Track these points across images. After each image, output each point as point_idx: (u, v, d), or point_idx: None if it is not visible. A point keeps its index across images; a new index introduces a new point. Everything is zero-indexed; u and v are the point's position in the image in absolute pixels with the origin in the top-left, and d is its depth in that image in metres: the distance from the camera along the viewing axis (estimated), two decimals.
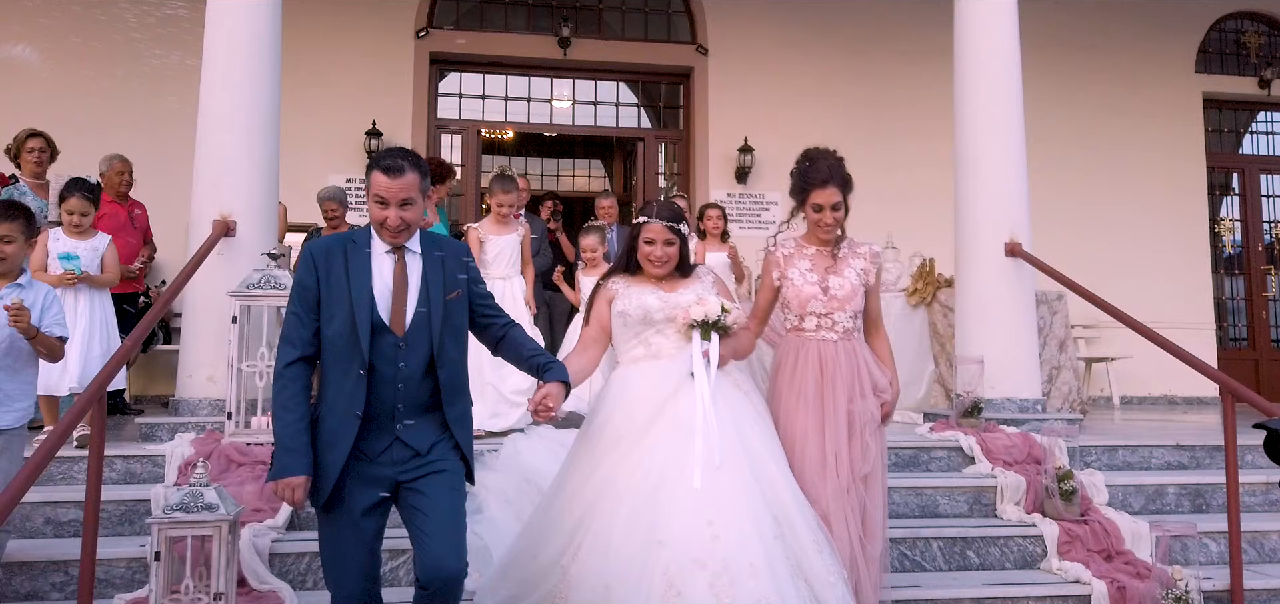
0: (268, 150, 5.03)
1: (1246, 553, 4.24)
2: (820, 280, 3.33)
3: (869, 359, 3.36)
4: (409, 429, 2.72)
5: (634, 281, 3.30)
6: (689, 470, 2.91)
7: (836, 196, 3.29)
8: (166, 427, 4.58)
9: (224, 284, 4.59)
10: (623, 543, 2.90)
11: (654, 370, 3.18)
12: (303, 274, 2.76)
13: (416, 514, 2.70)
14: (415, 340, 2.73)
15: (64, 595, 3.48)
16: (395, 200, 2.71)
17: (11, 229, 3.20)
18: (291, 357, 2.70)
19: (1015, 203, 5.52)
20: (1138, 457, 4.94)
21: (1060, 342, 6.34)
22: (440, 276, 2.80)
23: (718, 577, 2.77)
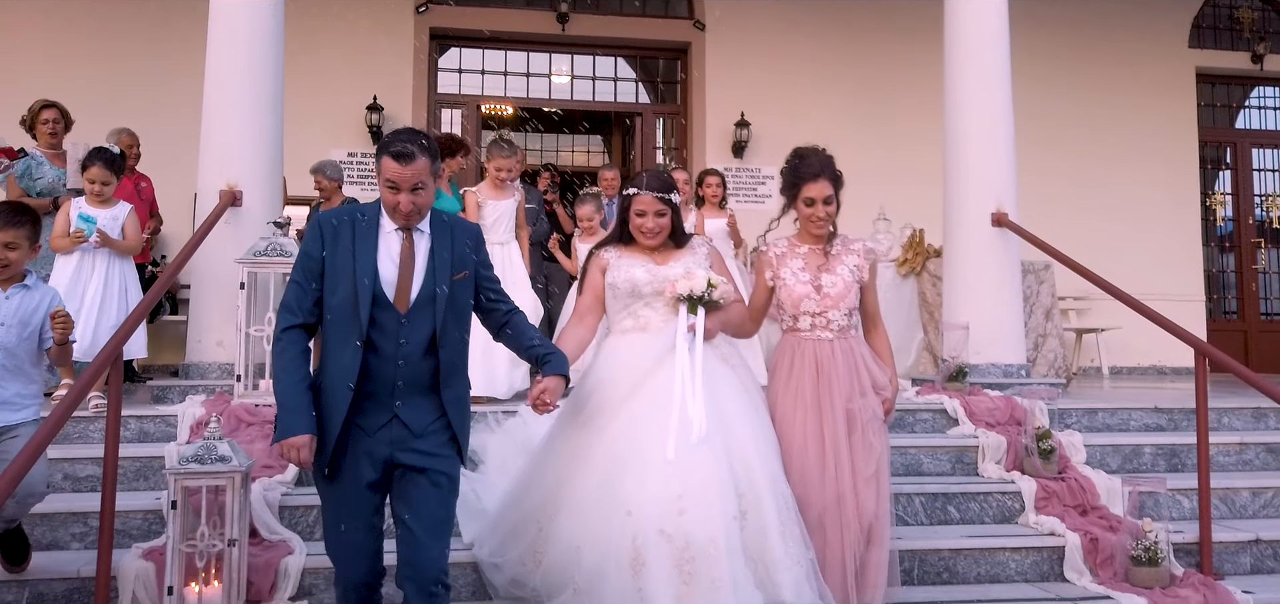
0: (272, 122, 5.16)
1: (1218, 509, 4.41)
2: (813, 279, 3.33)
3: (867, 356, 3.36)
4: (406, 408, 2.72)
5: (625, 253, 3.32)
6: (662, 442, 2.94)
7: (828, 190, 3.30)
8: (177, 389, 4.75)
9: (231, 252, 4.73)
10: (594, 508, 2.96)
11: (640, 342, 3.22)
12: (309, 244, 2.77)
13: (405, 516, 2.70)
14: (418, 318, 2.72)
15: (84, 545, 3.66)
16: (407, 186, 2.69)
17: (17, 235, 3.20)
18: (289, 322, 2.72)
19: (1002, 174, 5.64)
20: (1117, 419, 5.10)
21: (1047, 310, 6.49)
22: (449, 256, 2.79)
23: (682, 551, 2.81)
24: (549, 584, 3.10)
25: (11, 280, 3.18)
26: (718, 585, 2.79)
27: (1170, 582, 3.75)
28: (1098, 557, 3.87)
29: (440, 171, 2.88)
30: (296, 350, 2.70)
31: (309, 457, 2.66)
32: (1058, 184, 9.38)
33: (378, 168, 2.74)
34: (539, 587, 3.15)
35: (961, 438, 4.66)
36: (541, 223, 7.06)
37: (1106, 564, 3.85)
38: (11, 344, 3.13)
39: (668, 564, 2.80)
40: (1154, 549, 3.77)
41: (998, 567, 3.87)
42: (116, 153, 4.93)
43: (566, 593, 3.00)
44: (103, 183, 4.76)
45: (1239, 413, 5.20)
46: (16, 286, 3.20)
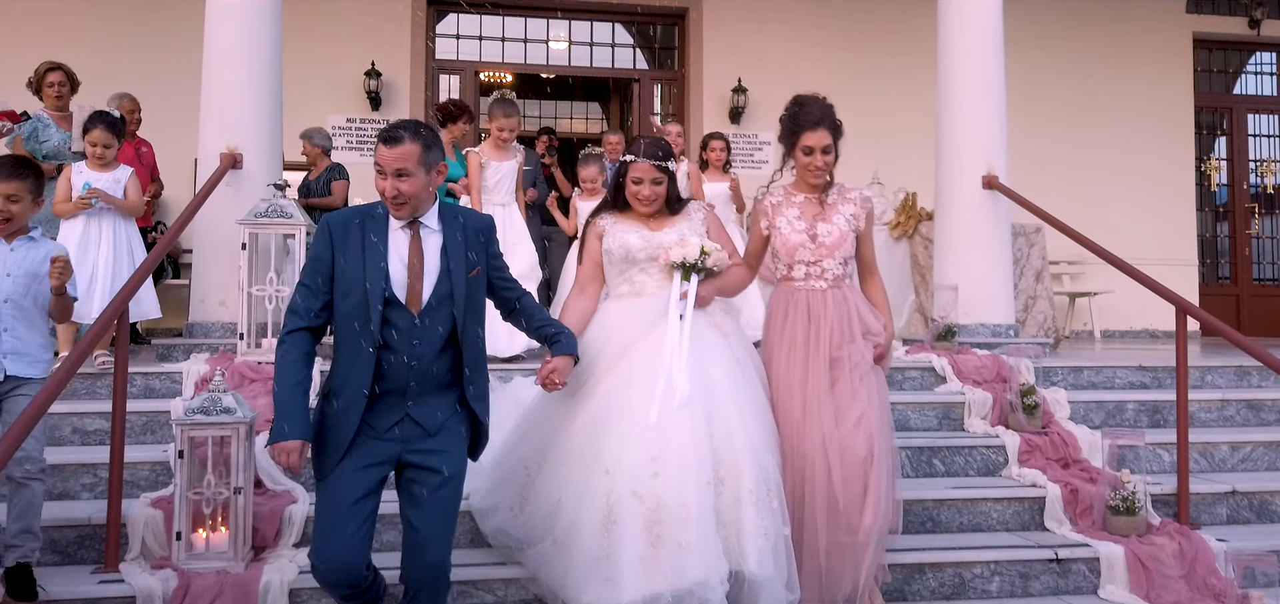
0: (271, 87, 5.23)
1: (1198, 463, 4.53)
2: (808, 228, 3.31)
3: (861, 304, 3.34)
4: (420, 407, 2.72)
5: (621, 219, 3.34)
6: (646, 406, 2.97)
7: (827, 139, 3.28)
8: (181, 348, 4.86)
9: (232, 214, 4.82)
10: (576, 464, 3.02)
11: (634, 307, 3.24)
12: (318, 248, 2.75)
13: (411, 515, 2.72)
14: (432, 319, 2.71)
15: (93, 495, 3.78)
16: (390, 169, 2.68)
17: (19, 187, 3.19)
18: (294, 325, 2.70)
19: (994, 137, 5.71)
20: (1102, 377, 5.20)
21: (1037, 272, 6.58)
22: (462, 254, 2.79)
23: (652, 513, 2.84)
24: (530, 531, 3.18)
25: (17, 233, 3.22)
26: (684, 549, 2.81)
27: (1146, 530, 3.87)
28: (1077, 507, 3.99)
29: (438, 166, 2.76)
30: (298, 354, 2.68)
31: (299, 462, 2.65)
32: (1052, 149, 9.42)
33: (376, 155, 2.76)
34: (521, 534, 3.23)
35: (948, 395, 4.76)
36: (540, 185, 7.12)
37: (1086, 514, 3.97)
38: (17, 295, 3.17)
39: (637, 525, 2.84)
40: (1132, 499, 3.88)
41: (980, 516, 3.99)
42: (117, 116, 4.98)
43: (544, 543, 3.08)
44: (104, 145, 4.79)
45: (1222, 371, 5.31)
46: (22, 239, 3.24)
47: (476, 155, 5.49)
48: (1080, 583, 3.68)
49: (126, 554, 3.40)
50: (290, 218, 4.69)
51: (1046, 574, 3.68)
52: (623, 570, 2.80)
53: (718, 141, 6.52)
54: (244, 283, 4.62)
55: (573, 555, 2.92)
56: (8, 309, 3.15)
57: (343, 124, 8.77)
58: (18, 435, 2.72)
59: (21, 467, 3.06)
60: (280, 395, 2.66)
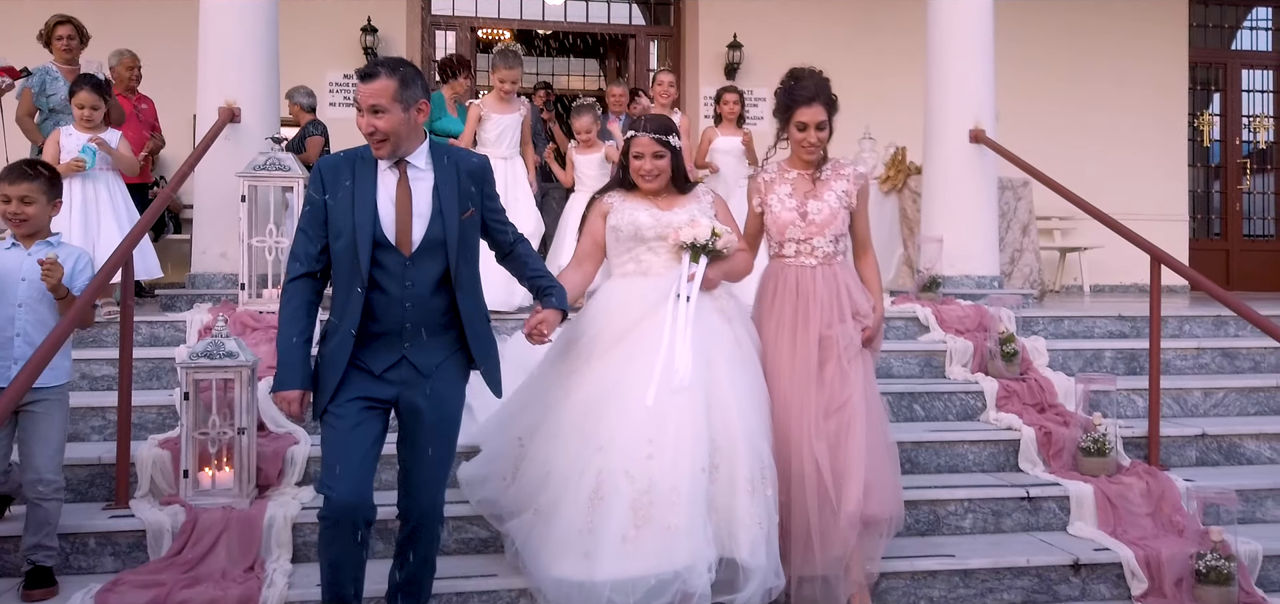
0: (268, 41, 5.29)
1: (1171, 407, 4.67)
2: (798, 206, 3.29)
3: (851, 283, 3.32)
4: (416, 348, 2.72)
5: (629, 197, 3.30)
6: (645, 386, 2.96)
7: (821, 115, 3.24)
8: (185, 298, 4.98)
9: (231, 167, 4.91)
10: (570, 438, 3.01)
11: (640, 285, 3.21)
12: (311, 190, 2.76)
13: (406, 455, 2.78)
14: (424, 260, 2.71)
15: (102, 437, 3.93)
16: (366, 105, 2.67)
17: (31, 189, 3.15)
18: (295, 272, 2.72)
19: (981, 91, 5.79)
20: (1082, 327, 5.34)
21: (1023, 226, 6.69)
22: (455, 196, 2.76)
23: (642, 494, 2.83)
24: (517, 501, 3.16)
25: (36, 237, 3.19)
26: (672, 532, 2.81)
27: (1116, 471, 4.02)
28: (1051, 449, 4.14)
29: (418, 103, 2.72)
30: (299, 302, 2.70)
31: (299, 410, 2.71)
32: (1045, 104, 9.44)
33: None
34: (509, 504, 3.21)
35: (931, 343, 4.90)
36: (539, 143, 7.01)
37: (1058, 456, 4.12)
38: (33, 300, 3.15)
39: (624, 504, 2.83)
40: (1102, 441, 4.03)
41: (957, 458, 4.14)
42: (103, 79, 5.01)
43: (526, 514, 3.07)
44: (92, 108, 4.80)
45: (1201, 321, 5.44)
46: (41, 243, 3.20)
47: (477, 108, 5.44)
48: (1050, 520, 3.84)
49: (135, 492, 3.55)
50: (288, 170, 4.79)
51: (1018, 511, 3.84)
52: (603, 547, 2.80)
53: (731, 94, 6.40)
54: (244, 234, 4.74)
55: (553, 527, 2.93)
56: (22, 314, 3.12)
57: (339, 80, 8.82)
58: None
59: (36, 489, 3.09)
60: (282, 345, 2.70)
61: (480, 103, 5.47)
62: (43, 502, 3.11)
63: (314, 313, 2.75)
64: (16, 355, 3.07)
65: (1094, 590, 3.54)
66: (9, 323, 3.08)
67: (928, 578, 3.44)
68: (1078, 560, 3.54)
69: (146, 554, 3.28)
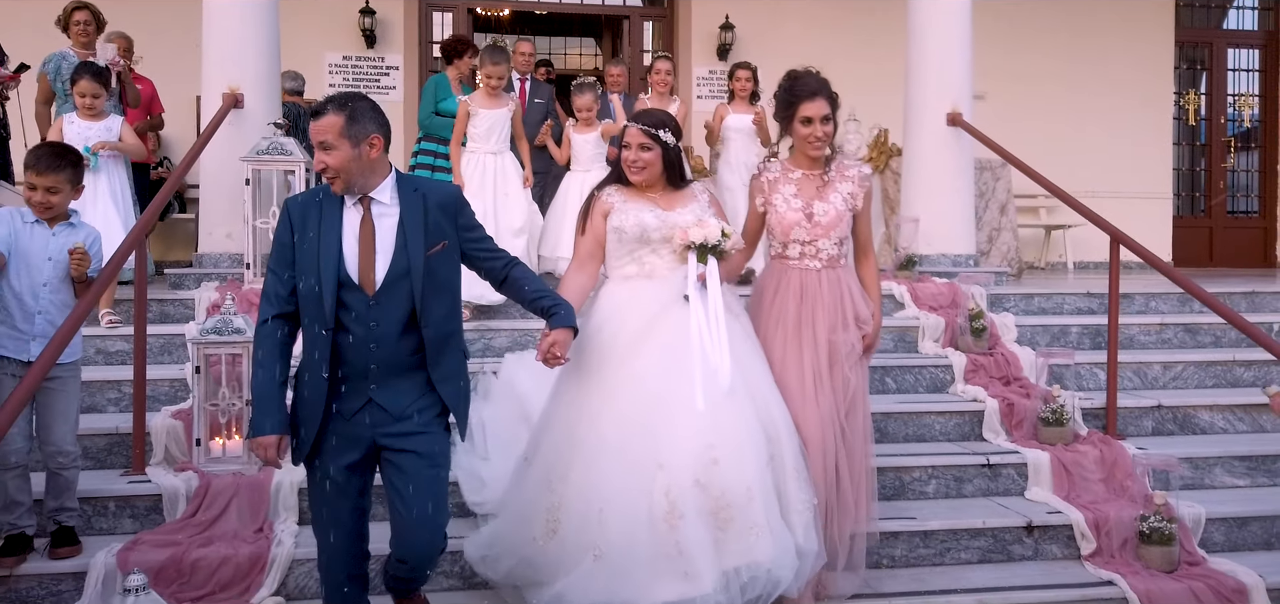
0: (269, 27, 5.49)
1: (1131, 380, 4.91)
2: (805, 207, 3.24)
3: (854, 287, 3.30)
4: (383, 391, 2.66)
5: (630, 196, 3.21)
6: (687, 393, 2.91)
7: (825, 109, 3.21)
8: (192, 277, 5.22)
9: (235, 151, 5.12)
10: (615, 464, 2.88)
11: (647, 289, 3.13)
12: (280, 231, 2.72)
13: (392, 491, 2.70)
14: (388, 299, 2.64)
15: (118, 408, 4.18)
16: (315, 140, 2.63)
17: (57, 179, 3.29)
18: (267, 313, 2.68)
19: (958, 76, 5.98)
20: (1051, 303, 5.57)
21: (1001, 206, 6.90)
22: (421, 229, 2.67)
23: (717, 500, 2.82)
24: (562, 556, 2.94)
25: (57, 219, 3.36)
26: (754, 529, 2.82)
27: (1073, 440, 4.26)
28: (1013, 419, 4.37)
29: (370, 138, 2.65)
30: (272, 343, 2.67)
31: (276, 456, 2.67)
32: (1033, 83, 9.59)
33: None
34: (551, 563, 2.98)
35: (905, 319, 5.12)
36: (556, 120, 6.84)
37: (1020, 426, 4.36)
38: (56, 279, 3.31)
39: (705, 513, 2.81)
40: (1060, 411, 4.27)
41: (924, 428, 4.38)
42: (103, 66, 5.11)
43: (584, 562, 2.87)
44: (93, 96, 4.89)
45: (1166, 297, 5.66)
46: (63, 225, 3.35)
47: (465, 103, 5.43)
48: (1009, 486, 4.08)
49: (151, 459, 3.80)
50: (290, 155, 5.01)
51: (979, 477, 4.08)
52: (700, 562, 2.77)
53: (744, 71, 6.29)
54: (249, 216, 4.96)
55: (629, 562, 2.80)
56: (46, 292, 3.28)
57: (338, 62, 9.00)
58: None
59: (55, 459, 3.31)
60: (256, 388, 2.67)
61: (468, 98, 5.47)
62: (62, 471, 3.35)
63: (288, 354, 2.70)
64: (37, 332, 3.26)
65: (1046, 550, 3.78)
66: (33, 299, 3.27)
67: (890, 539, 3.68)
68: (1031, 522, 3.79)
69: (163, 516, 3.53)
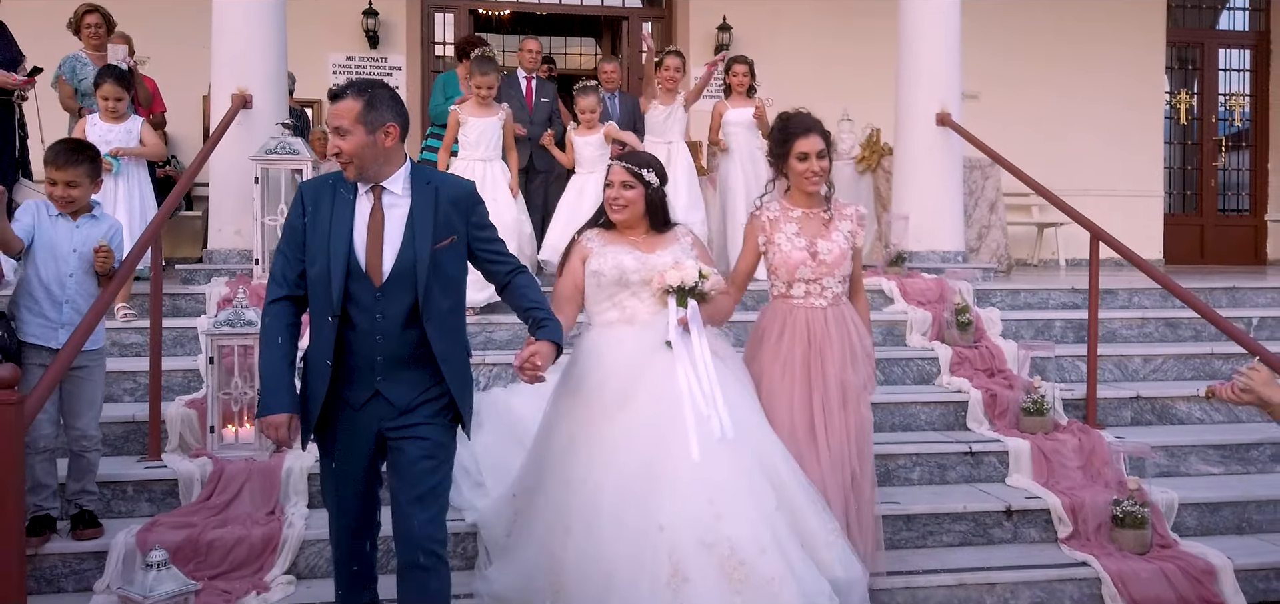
0: (276, 29, 5.64)
1: (1112, 372, 5.07)
2: (809, 245, 3.23)
3: (856, 322, 3.30)
4: (389, 383, 2.64)
5: (610, 240, 3.16)
6: (680, 445, 2.81)
7: (820, 145, 3.22)
8: (202, 272, 5.39)
9: (244, 151, 5.28)
10: (613, 526, 2.80)
11: (629, 336, 3.06)
12: (292, 213, 2.72)
13: (394, 485, 2.68)
14: (395, 290, 2.62)
15: (133, 398, 4.34)
16: (330, 125, 2.63)
17: (76, 173, 3.42)
18: (276, 295, 2.68)
19: (948, 77, 6.13)
20: (1037, 298, 5.73)
21: (991, 203, 7.06)
22: (430, 221, 2.65)
23: (727, 558, 2.70)
24: None
25: (80, 212, 3.52)
26: (775, 582, 2.70)
27: (1053, 429, 4.42)
28: (996, 409, 4.53)
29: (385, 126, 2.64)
30: (281, 325, 2.67)
31: (287, 435, 2.67)
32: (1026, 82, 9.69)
33: None
34: None
35: (894, 314, 5.28)
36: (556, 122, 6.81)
37: (1002, 416, 4.52)
38: (81, 271, 3.46)
39: (713, 573, 2.70)
40: (1041, 402, 4.43)
41: (910, 418, 4.54)
42: (125, 69, 5.31)
43: None
44: (116, 98, 5.08)
45: (1149, 293, 5.82)
46: (85, 217, 3.50)
47: (455, 113, 5.50)
48: (991, 472, 4.24)
49: (166, 446, 3.96)
50: (298, 154, 5.17)
51: (962, 465, 4.24)
52: None
53: (741, 65, 6.34)
54: (258, 214, 5.12)
55: None
56: (72, 283, 3.43)
57: (341, 63, 9.16)
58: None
59: (79, 442, 3.50)
60: (264, 368, 2.67)
61: (459, 107, 5.53)
62: (85, 453, 3.53)
63: (296, 335, 2.71)
64: (64, 321, 3.43)
65: (1024, 534, 3.94)
66: (60, 289, 3.43)
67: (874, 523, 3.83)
68: (1010, 507, 3.95)
69: (179, 500, 3.69)
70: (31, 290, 3.41)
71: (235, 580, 3.35)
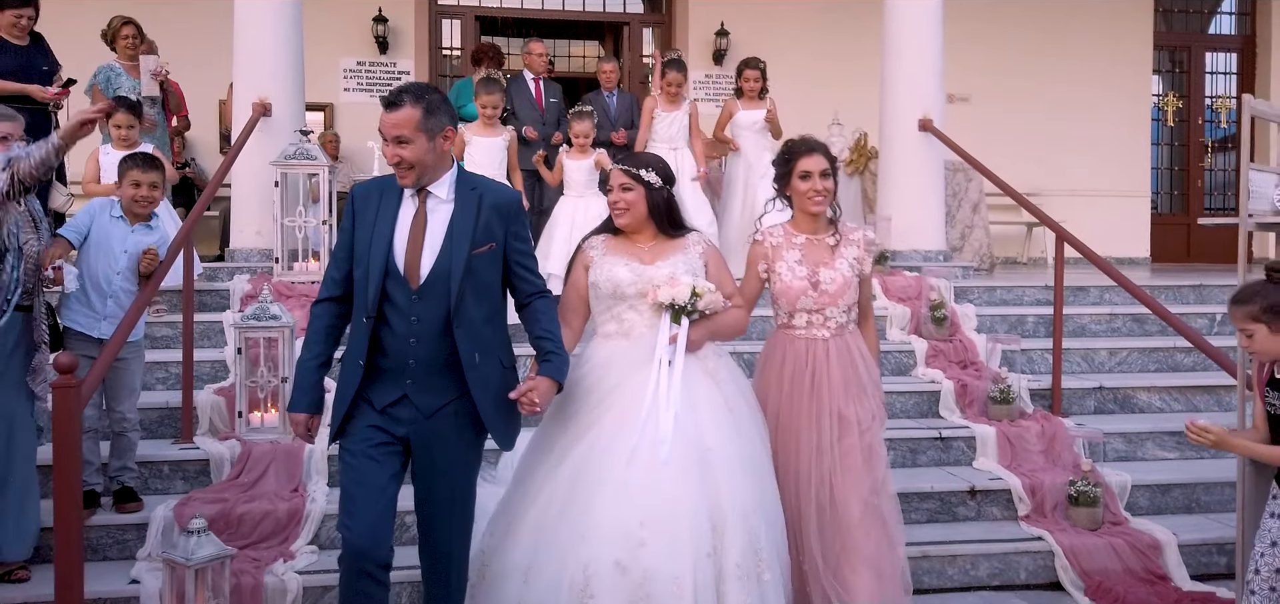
0: (293, 40, 5.99)
1: (1080, 365, 5.39)
2: (810, 274, 3.13)
3: (863, 353, 3.19)
4: (417, 388, 2.63)
5: (611, 248, 3.04)
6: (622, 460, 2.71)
7: (824, 164, 3.14)
8: (225, 270, 5.74)
9: (264, 156, 5.62)
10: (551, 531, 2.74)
11: (620, 349, 2.97)
12: (346, 217, 2.76)
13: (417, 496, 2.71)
14: (431, 295, 2.61)
15: (165, 386, 4.69)
16: (390, 135, 2.61)
17: (158, 176, 3.88)
18: (321, 295, 2.76)
19: (929, 85, 6.45)
20: (1012, 295, 6.05)
21: (974, 205, 7.38)
22: (470, 226, 2.64)
23: (637, 588, 2.57)
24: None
25: (141, 218, 3.91)
26: None
27: (1018, 416, 4.74)
28: (966, 398, 4.86)
29: (444, 131, 2.65)
30: (321, 325, 2.74)
31: (305, 433, 2.79)
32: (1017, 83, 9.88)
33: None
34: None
35: (876, 309, 5.50)
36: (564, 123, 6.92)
37: (972, 404, 4.84)
38: (128, 271, 3.83)
39: (622, 601, 2.56)
40: (1007, 391, 4.75)
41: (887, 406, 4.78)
42: (135, 100, 5.59)
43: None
44: (128, 127, 5.32)
45: (1119, 290, 6.08)
46: (141, 226, 3.90)
47: (461, 134, 5.52)
48: (959, 457, 4.57)
49: (197, 430, 4.31)
50: (314, 159, 5.52)
51: (932, 449, 4.57)
52: None
53: (752, 70, 6.39)
54: (278, 215, 5.48)
55: None
56: (118, 280, 3.79)
57: (353, 68, 9.52)
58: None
59: (121, 424, 3.86)
60: (298, 366, 2.78)
61: (464, 128, 5.60)
62: (126, 434, 3.90)
63: (334, 337, 2.76)
64: (107, 314, 3.79)
65: (987, 512, 4.27)
66: (107, 284, 3.79)
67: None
68: (974, 487, 4.28)
69: (210, 478, 4.05)
70: (83, 281, 3.77)
71: (263, 550, 3.70)
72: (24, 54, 5.48)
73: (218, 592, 3.15)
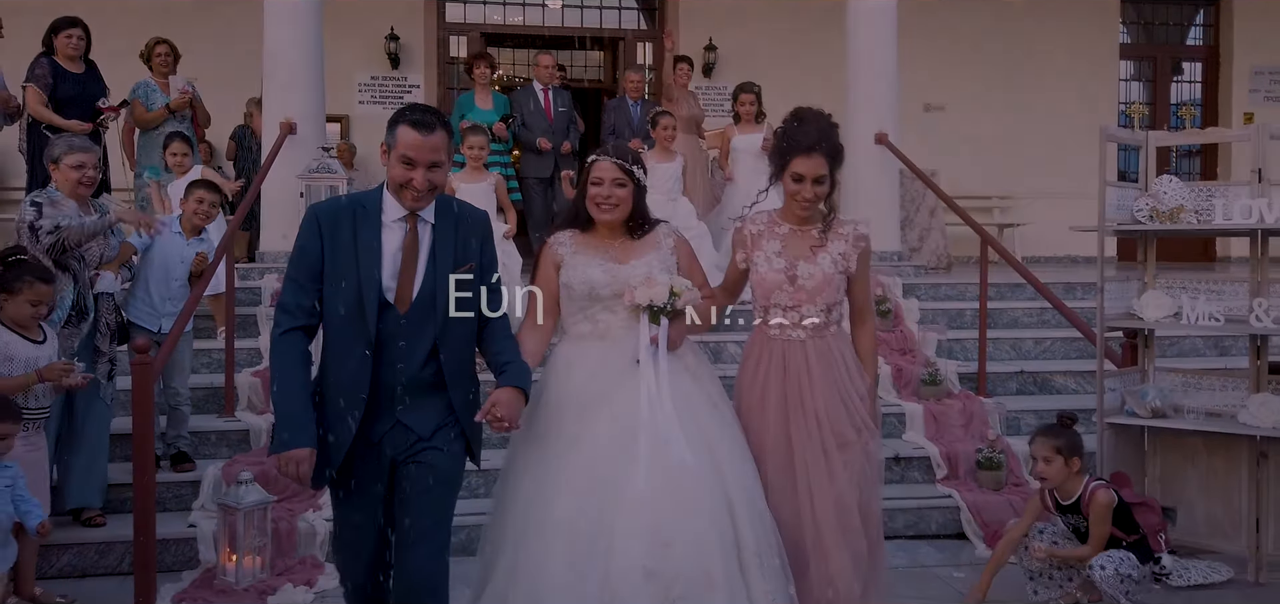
0: (315, 64, 6.76)
1: (1008, 353, 6.10)
2: (787, 268, 2.92)
3: (848, 358, 2.95)
4: (410, 412, 2.55)
5: (582, 245, 2.92)
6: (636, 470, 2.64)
7: (821, 169, 2.88)
8: (256, 270, 6.52)
9: (292, 169, 6.39)
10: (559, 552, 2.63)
11: (597, 353, 2.86)
12: (305, 239, 2.54)
13: (398, 514, 2.58)
14: (418, 318, 2.53)
15: (208, 370, 5.47)
16: (424, 162, 2.48)
17: (217, 198, 4.65)
18: (287, 325, 2.52)
19: (885, 101, 7.17)
20: (955, 291, 6.76)
21: (931, 209, 8.08)
22: (451, 248, 2.58)
23: (667, 590, 2.54)
24: None
25: (196, 230, 4.72)
26: None
27: (945, 396, 5.45)
28: (902, 381, 5.57)
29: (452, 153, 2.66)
30: (296, 354, 2.51)
31: (308, 472, 2.50)
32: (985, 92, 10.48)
33: (391, 140, 2.53)
34: None
35: None
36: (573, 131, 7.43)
37: (907, 386, 5.55)
38: (182, 276, 4.61)
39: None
40: (936, 374, 5.46)
41: None
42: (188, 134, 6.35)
43: None
44: (183, 155, 6.13)
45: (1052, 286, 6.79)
46: (195, 238, 4.70)
47: (451, 182, 5.46)
48: (890, 430, 5.25)
49: (237, 407, 5.08)
50: (335, 173, 6.28)
51: None
52: None
53: (747, 95, 6.55)
54: None
55: None
56: (175, 285, 4.58)
57: (367, 81, 10.28)
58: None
59: (175, 398, 4.63)
60: (282, 400, 2.50)
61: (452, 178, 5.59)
62: (179, 407, 4.70)
63: (309, 365, 2.56)
64: (165, 312, 4.61)
65: (909, 476, 4.97)
66: (166, 287, 4.62)
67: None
68: (898, 455, 4.99)
69: (250, 445, 4.81)
70: (146, 285, 4.58)
71: (295, 503, 4.45)
72: (80, 82, 6.21)
73: (262, 531, 3.91)
